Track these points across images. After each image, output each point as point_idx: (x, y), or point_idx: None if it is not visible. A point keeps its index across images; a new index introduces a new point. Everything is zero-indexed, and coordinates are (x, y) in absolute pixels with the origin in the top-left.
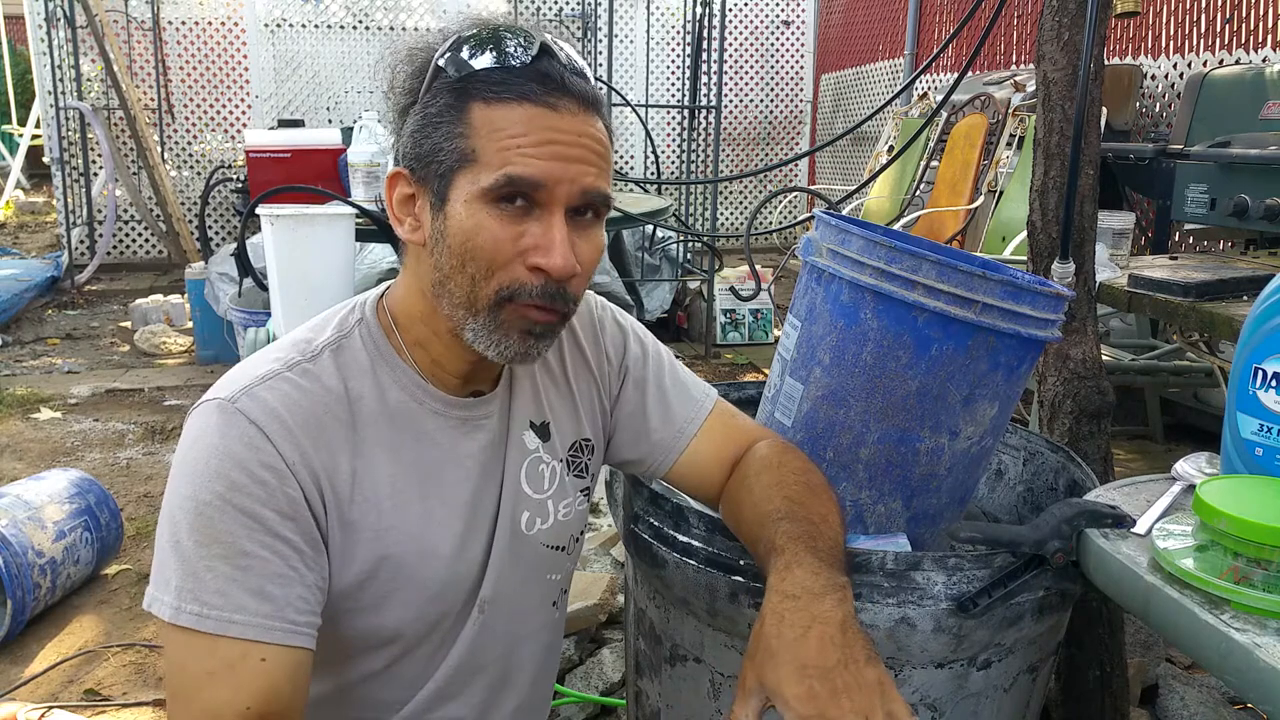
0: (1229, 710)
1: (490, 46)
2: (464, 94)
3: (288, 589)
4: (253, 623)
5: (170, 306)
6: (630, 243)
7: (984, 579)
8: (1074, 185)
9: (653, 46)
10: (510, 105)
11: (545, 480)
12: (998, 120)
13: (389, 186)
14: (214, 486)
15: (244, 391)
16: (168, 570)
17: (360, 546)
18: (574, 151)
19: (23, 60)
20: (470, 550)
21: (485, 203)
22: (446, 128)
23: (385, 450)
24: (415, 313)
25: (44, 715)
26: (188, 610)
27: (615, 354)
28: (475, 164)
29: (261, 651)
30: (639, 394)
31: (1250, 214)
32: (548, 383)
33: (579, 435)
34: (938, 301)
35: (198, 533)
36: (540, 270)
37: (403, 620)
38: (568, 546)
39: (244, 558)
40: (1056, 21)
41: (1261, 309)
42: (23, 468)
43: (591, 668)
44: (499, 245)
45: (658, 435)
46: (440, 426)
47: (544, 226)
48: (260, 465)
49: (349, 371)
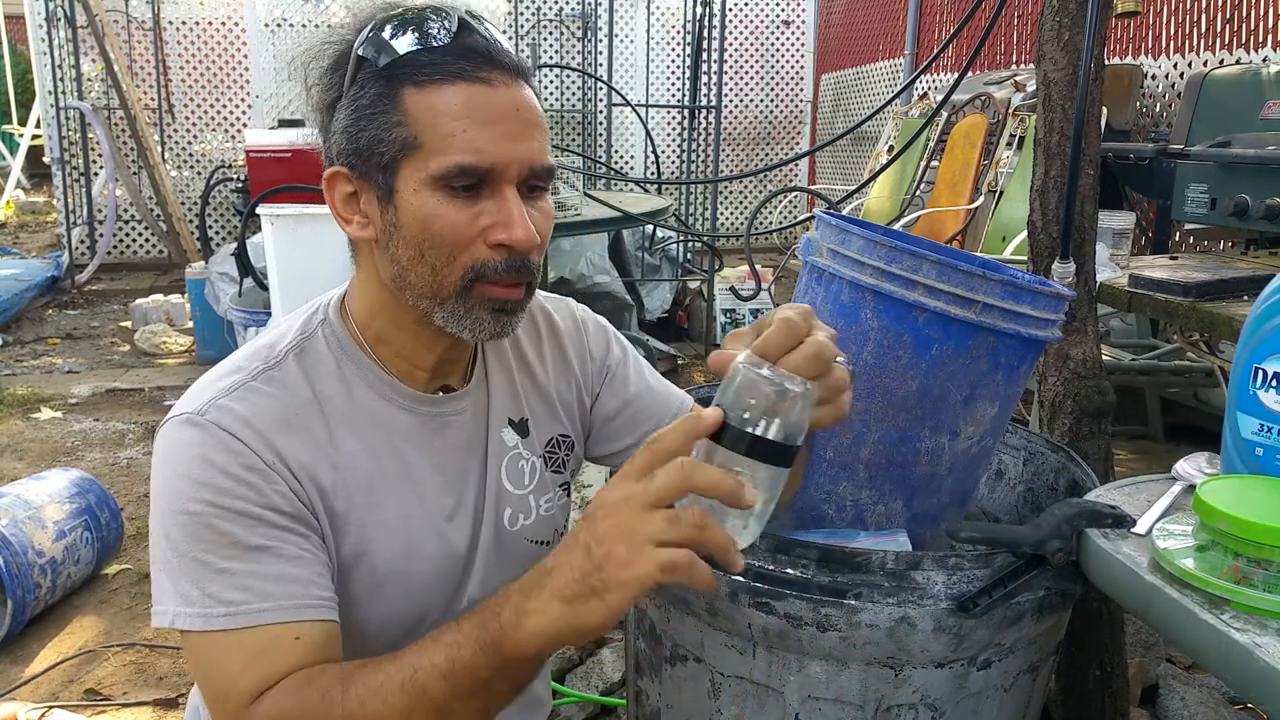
0: (1229, 710)
1: (410, 27)
2: (393, 80)
3: (307, 568)
4: (284, 605)
5: (170, 306)
6: (630, 243)
7: (984, 579)
8: (1074, 185)
9: (653, 46)
10: (443, 87)
11: (526, 476)
12: (998, 120)
13: (328, 187)
14: (202, 495)
15: (210, 404)
16: (178, 586)
17: (345, 540)
18: (516, 128)
19: (23, 60)
20: (452, 547)
21: (436, 189)
22: (382, 118)
23: (360, 447)
24: (375, 308)
25: (44, 715)
26: (215, 615)
27: (599, 353)
28: (420, 151)
29: (294, 630)
30: (621, 389)
31: (1250, 214)
32: (525, 380)
33: (556, 432)
34: (938, 301)
35: (201, 542)
36: (503, 246)
37: (385, 616)
38: (551, 541)
39: (257, 551)
40: (1057, 21)
41: (1261, 309)
42: (23, 467)
43: (591, 668)
44: (458, 229)
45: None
46: (411, 423)
47: (498, 204)
48: (243, 468)
49: (315, 373)
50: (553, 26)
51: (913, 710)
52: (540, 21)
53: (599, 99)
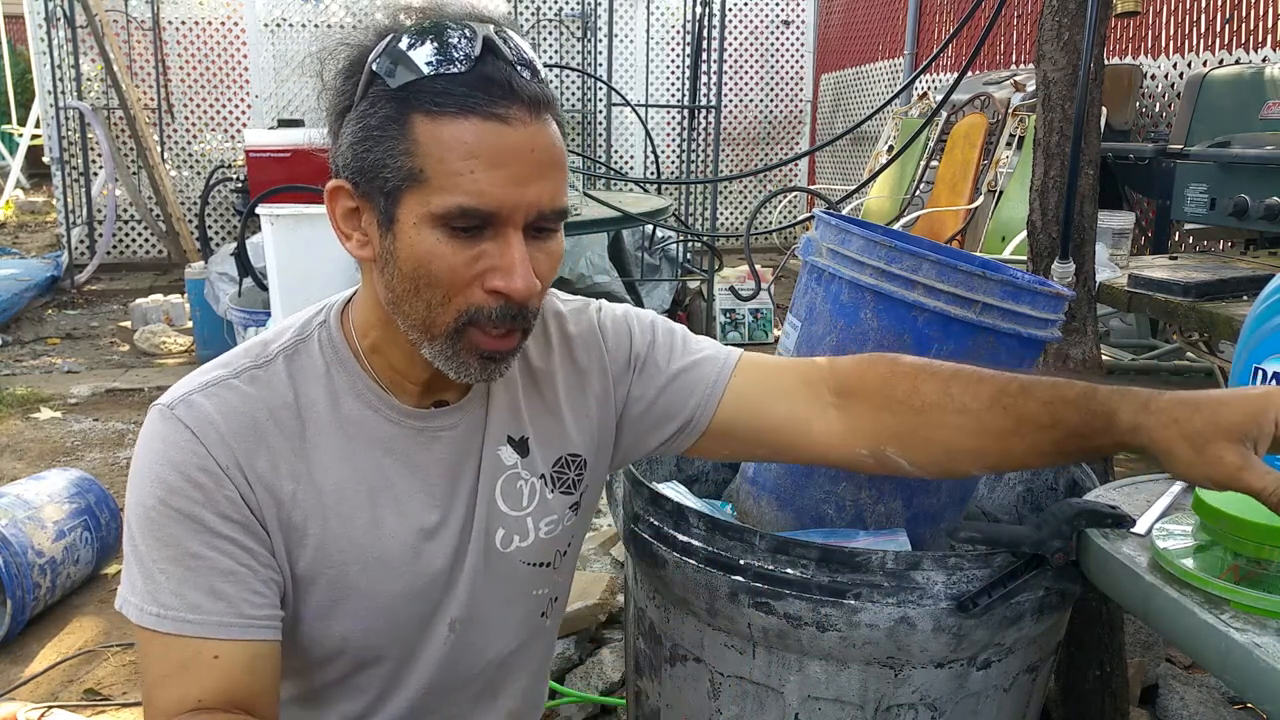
0: (1229, 710)
1: (430, 41)
2: (404, 104)
3: (240, 585)
4: (208, 621)
5: (170, 306)
6: (630, 242)
7: (984, 579)
8: (1074, 185)
9: (653, 46)
10: (456, 121)
11: (524, 497)
12: (998, 120)
13: (330, 199)
14: (156, 491)
15: (183, 398)
16: (131, 572)
17: (303, 551)
18: (527, 171)
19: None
20: (428, 565)
21: (436, 226)
22: (389, 143)
23: (334, 457)
24: (374, 320)
25: (44, 715)
26: (149, 612)
27: (621, 350)
28: (424, 185)
29: (214, 649)
30: (656, 373)
31: (1250, 214)
32: (533, 396)
33: (565, 451)
34: (938, 301)
35: (149, 536)
36: (499, 293)
37: (350, 631)
38: (554, 562)
39: (192, 559)
40: (1056, 21)
41: (1261, 309)
42: (23, 467)
43: (591, 667)
44: (455, 271)
45: (694, 397)
46: (395, 435)
47: (500, 247)
48: (196, 469)
49: (302, 377)
50: (552, 26)
51: (912, 710)
52: (540, 21)
53: (599, 99)
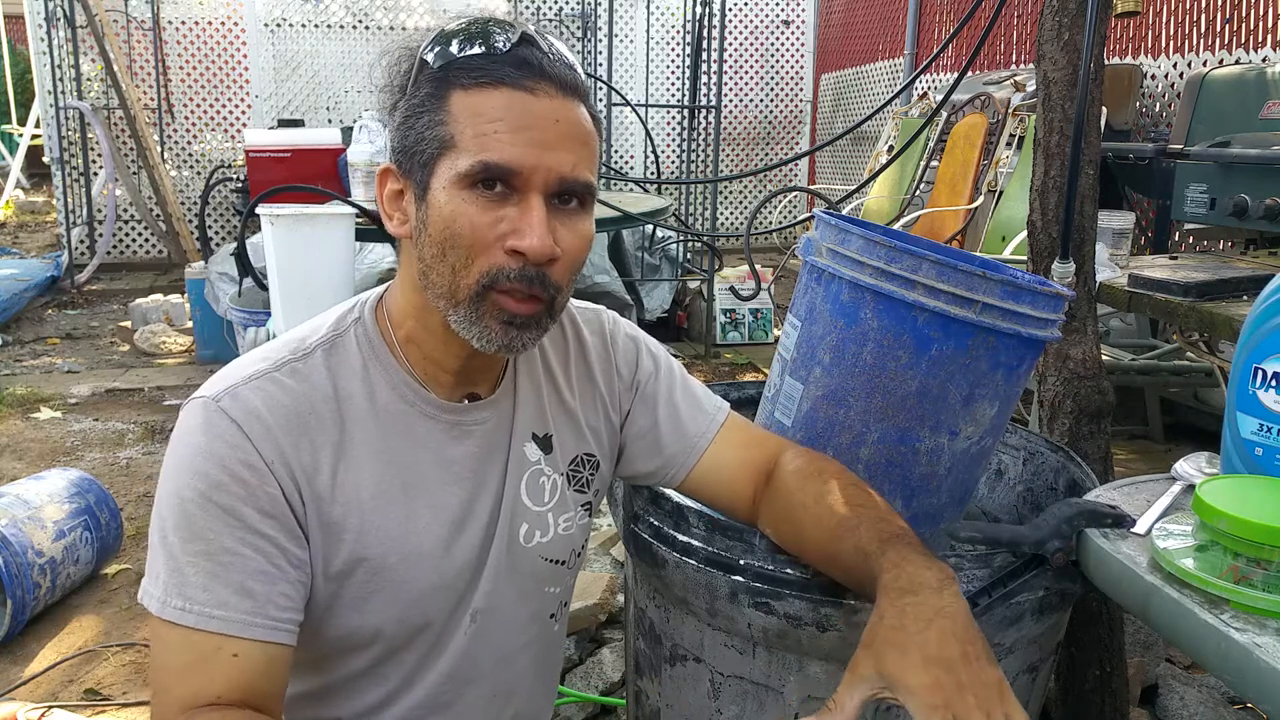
0: (1229, 710)
1: (474, 30)
2: (444, 82)
3: (270, 585)
4: (233, 618)
5: (170, 306)
6: (630, 242)
7: (984, 579)
8: (1074, 185)
9: (653, 46)
10: (488, 91)
11: (546, 493)
12: (998, 120)
13: (379, 183)
14: (196, 484)
15: (228, 391)
16: (157, 564)
17: (341, 545)
18: (550, 137)
19: (23, 60)
20: (457, 556)
21: (463, 188)
22: (428, 116)
23: (371, 451)
24: (409, 308)
25: (44, 715)
26: (173, 605)
27: (627, 369)
28: (454, 150)
29: (235, 646)
30: (651, 407)
31: (1250, 214)
32: (552, 395)
33: (581, 450)
34: (938, 301)
35: (182, 529)
36: (518, 253)
37: (384, 621)
38: (568, 560)
39: (226, 554)
40: (1056, 21)
41: (1261, 309)
42: (23, 467)
43: (591, 667)
44: (477, 231)
45: (670, 448)
46: (430, 429)
47: (521, 210)
48: (240, 464)
49: (340, 371)
50: (552, 26)
51: None
52: (540, 21)
53: (599, 99)
